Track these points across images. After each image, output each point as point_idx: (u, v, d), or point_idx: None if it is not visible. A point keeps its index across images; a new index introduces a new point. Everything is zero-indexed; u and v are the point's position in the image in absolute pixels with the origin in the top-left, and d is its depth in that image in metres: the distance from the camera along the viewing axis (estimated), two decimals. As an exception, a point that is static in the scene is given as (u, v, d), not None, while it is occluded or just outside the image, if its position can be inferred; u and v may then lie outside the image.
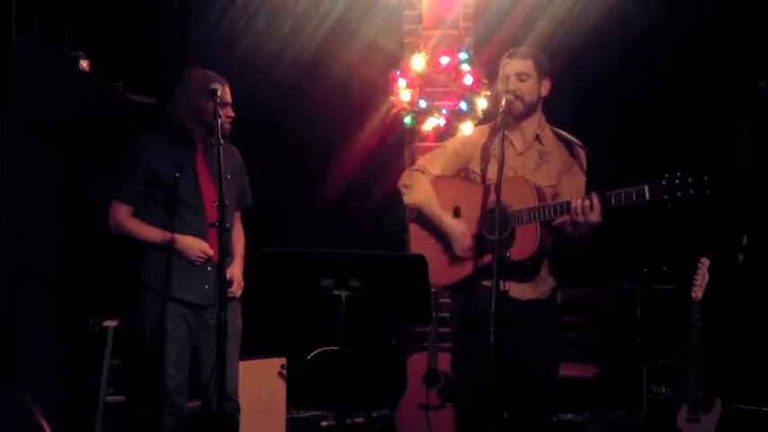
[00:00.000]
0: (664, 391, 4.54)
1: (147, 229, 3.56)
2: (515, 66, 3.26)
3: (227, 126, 3.58)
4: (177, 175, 3.54)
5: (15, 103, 3.53)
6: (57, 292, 3.97)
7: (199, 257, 3.53)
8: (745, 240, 4.57)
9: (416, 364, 4.67)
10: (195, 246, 3.53)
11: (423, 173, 3.42)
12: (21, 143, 3.59)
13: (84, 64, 4.29)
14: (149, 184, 3.55)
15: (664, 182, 2.91)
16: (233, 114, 3.61)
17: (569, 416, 5.05)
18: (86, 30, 4.58)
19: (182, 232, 3.54)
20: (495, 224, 3.00)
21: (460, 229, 3.24)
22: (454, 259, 3.27)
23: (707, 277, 4.07)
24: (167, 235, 3.54)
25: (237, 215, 3.81)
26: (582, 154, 3.30)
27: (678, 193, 2.89)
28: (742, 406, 4.24)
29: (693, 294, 4.10)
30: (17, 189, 3.57)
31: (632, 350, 4.76)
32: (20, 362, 3.62)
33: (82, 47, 4.37)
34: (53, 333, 3.94)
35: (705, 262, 4.13)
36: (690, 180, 2.88)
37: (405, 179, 3.45)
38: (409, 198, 3.40)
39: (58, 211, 3.99)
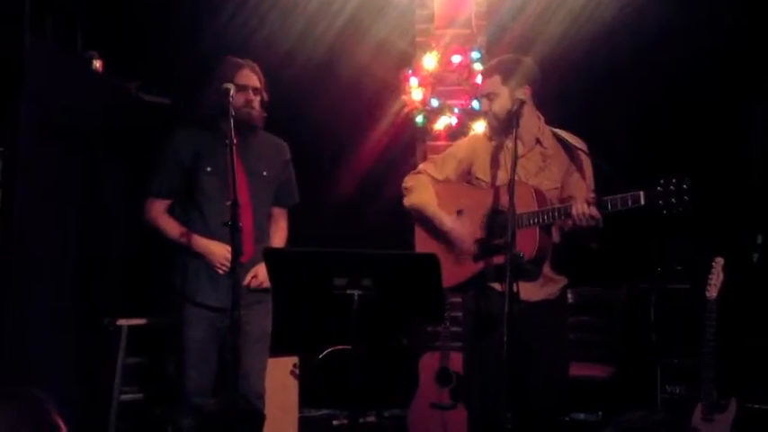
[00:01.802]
0: (678, 390, 4.52)
1: (176, 228, 3.52)
2: (483, 87, 3.30)
3: (254, 114, 3.50)
4: (209, 169, 3.49)
5: (28, 103, 3.54)
6: (70, 292, 3.98)
7: (223, 265, 3.45)
8: (759, 239, 4.55)
9: (428, 363, 4.66)
10: (218, 252, 3.45)
11: (425, 175, 3.44)
12: (34, 143, 3.60)
13: (97, 64, 4.30)
14: (180, 178, 3.52)
15: (659, 188, 2.90)
16: (253, 98, 3.49)
17: (582, 416, 5.03)
18: (99, 30, 4.59)
19: (204, 230, 3.48)
20: (500, 227, 3.04)
21: (462, 231, 3.26)
22: (457, 260, 3.27)
23: (721, 276, 4.04)
24: (193, 237, 3.49)
25: (279, 212, 3.77)
26: (585, 160, 3.29)
27: (673, 199, 2.88)
28: (757, 406, 4.21)
29: (708, 293, 4.07)
30: (30, 189, 3.58)
31: (646, 350, 4.74)
32: (34, 361, 3.63)
33: (95, 47, 4.39)
34: (67, 332, 3.95)
35: (719, 261, 4.11)
36: (685, 186, 2.87)
37: (407, 182, 3.47)
38: (410, 200, 3.43)
39: (72, 211, 4.00)
